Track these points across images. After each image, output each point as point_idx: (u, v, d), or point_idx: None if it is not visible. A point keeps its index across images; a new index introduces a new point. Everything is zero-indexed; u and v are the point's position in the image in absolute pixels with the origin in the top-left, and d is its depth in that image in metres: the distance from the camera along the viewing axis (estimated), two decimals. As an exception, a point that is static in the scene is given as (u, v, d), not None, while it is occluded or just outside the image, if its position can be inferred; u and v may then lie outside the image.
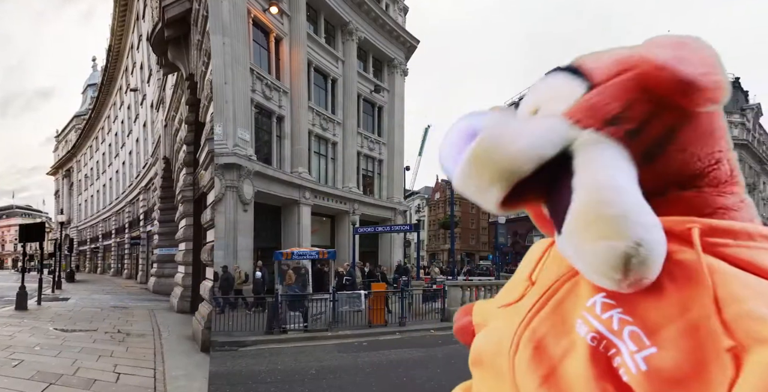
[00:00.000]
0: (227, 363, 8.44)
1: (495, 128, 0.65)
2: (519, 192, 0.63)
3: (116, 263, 40.95)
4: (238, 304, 13.97)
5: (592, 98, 0.66)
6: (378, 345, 10.40)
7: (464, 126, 0.69)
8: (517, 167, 0.60)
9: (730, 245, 0.58)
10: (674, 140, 0.65)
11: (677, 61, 0.60)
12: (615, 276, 0.54)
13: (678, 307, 0.55)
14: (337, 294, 12.86)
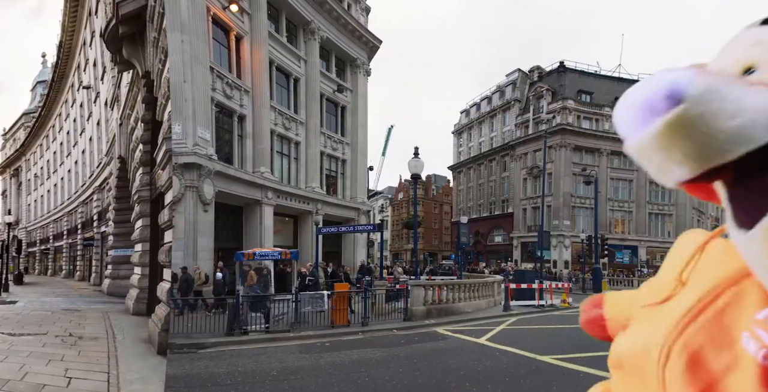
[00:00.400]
0: (185, 366, 8.28)
1: (709, 94, 0.50)
2: (708, 172, 0.52)
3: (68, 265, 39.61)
4: (197, 305, 13.73)
5: None
6: (341, 345, 10.38)
7: (665, 83, 0.54)
8: (725, 150, 0.49)
9: None
10: None
11: None
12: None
13: None
14: (299, 294, 12.78)
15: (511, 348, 9.90)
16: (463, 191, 67.57)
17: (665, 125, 0.50)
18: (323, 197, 25.22)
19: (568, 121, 48.46)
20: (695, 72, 0.53)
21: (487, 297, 18.19)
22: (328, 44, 26.56)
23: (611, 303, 1.10)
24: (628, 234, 49.16)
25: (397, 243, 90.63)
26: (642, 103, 0.54)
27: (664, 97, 0.51)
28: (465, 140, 68.37)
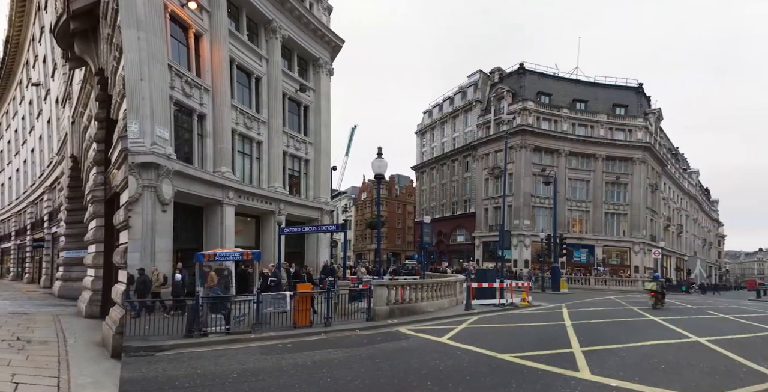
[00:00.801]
0: (142, 369, 8.08)
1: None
2: None
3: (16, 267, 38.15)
4: (155, 307, 13.42)
5: None
6: (303, 345, 10.30)
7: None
8: None
9: None
10: None
11: None
12: None
13: None
14: (261, 295, 12.61)
15: (472, 346, 9.98)
16: (426, 191, 68.14)
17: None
18: (286, 197, 25.02)
19: (528, 122, 49.44)
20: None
21: (449, 297, 18.38)
22: (290, 43, 26.37)
23: None
24: (585, 233, 50.44)
25: (361, 243, 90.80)
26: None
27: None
28: (428, 140, 68.97)
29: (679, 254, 66.13)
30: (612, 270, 48.10)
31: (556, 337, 11.58)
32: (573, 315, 17.06)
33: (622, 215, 52.13)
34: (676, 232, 67.27)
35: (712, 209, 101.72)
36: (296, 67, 27.64)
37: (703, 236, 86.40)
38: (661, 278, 25.84)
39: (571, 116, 51.18)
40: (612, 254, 51.74)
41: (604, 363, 8.28)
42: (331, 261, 28.81)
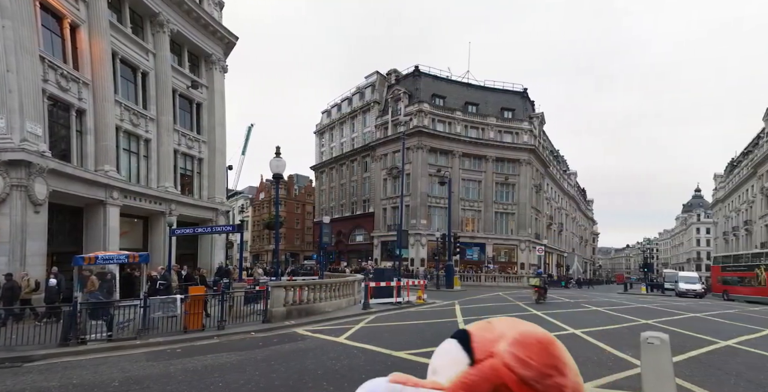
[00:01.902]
0: (6, 381, 7.49)
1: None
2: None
3: None
4: (24, 315, 12.43)
5: (468, 378, 0.80)
6: (193, 350, 10.01)
7: (364, 389, 0.87)
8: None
9: None
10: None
11: (520, 364, 0.76)
12: None
13: None
14: (149, 299, 12.10)
15: (368, 345, 10.18)
16: (325, 191, 68.00)
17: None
18: (177, 197, 24.08)
19: (424, 123, 50.79)
20: (387, 381, 0.85)
21: (347, 296, 18.57)
22: (179, 38, 25.38)
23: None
24: (477, 232, 52.59)
25: (258, 244, 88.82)
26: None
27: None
28: (327, 140, 68.93)
29: (559, 251, 71.02)
30: (501, 267, 50.42)
31: (449, 333, 11.99)
32: (465, 311, 17.76)
33: (510, 214, 54.88)
34: (557, 230, 72.26)
35: (588, 209, 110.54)
36: (187, 63, 26.65)
37: (580, 234, 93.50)
38: (544, 275, 27.75)
39: (464, 118, 53.20)
40: (501, 252, 54.36)
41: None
42: (226, 263, 28.06)
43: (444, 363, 0.86)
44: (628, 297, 32.81)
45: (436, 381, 0.84)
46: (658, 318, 16.67)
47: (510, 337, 0.81)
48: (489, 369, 0.78)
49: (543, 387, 0.75)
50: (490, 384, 0.77)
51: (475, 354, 0.82)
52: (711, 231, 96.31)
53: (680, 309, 21.69)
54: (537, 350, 0.78)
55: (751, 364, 8.91)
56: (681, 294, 41.48)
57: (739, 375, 7.96)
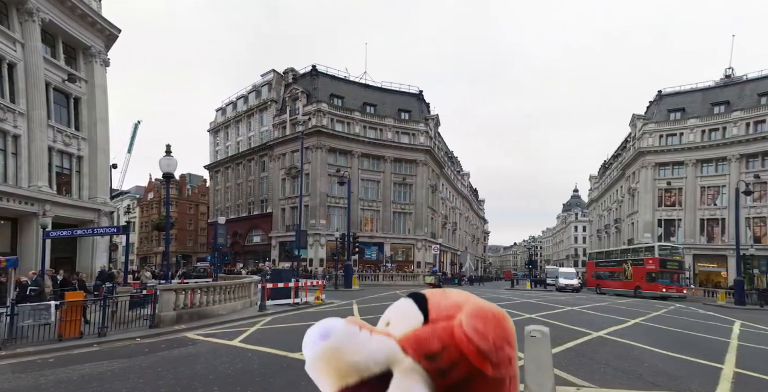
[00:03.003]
0: None
1: (346, 336, 0.81)
2: (354, 388, 0.81)
3: None
4: None
5: (421, 333, 0.85)
6: (69, 359, 9.33)
7: (321, 327, 0.84)
8: (348, 375, 0.79)
9: None
10: (468, 387, 0.83)
11: (479, 336, 0.80)
12: None
13: None
14: (17, 306, 11.09)
15: (264, 347, 10.05)
16: (220, 190, 65.96)
17: (316, 355, 0.81)
18: (53, 197, 22.30)
19: (323, 123, 50.77)
20: (345, 321, 0.85)
21: (243, 298, 18.17)
22: (52, 28, 23.50)
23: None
24: (375, 232, 53.29)
25: (146, 246, 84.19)
26: (309, 338, 0.84)
27: (318, 335, 0.82)
28: (222, 138, 66.84)
29: (453, 249, 73.73)
30: (398, 266, 51.43)
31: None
32: (362, 310, 18.01)
33: (407, 214, 56.02)
34: (452, 229, 75.06)
35: (480, 208, 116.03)
36: (62, 55, 24.70)
37: (472, 233, 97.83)
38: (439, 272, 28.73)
39: (363, 118, 53.72)
40: (399, 251, 55.38)
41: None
42: (109, 266, 26.35)
43: (399, 317, 0.92)
44: (515, 293, 34.89)
45: (388, 330, 0.90)
46: (540, 312, 17.94)
47: (468, 310, 0.85)
48: (442, 329, 0.84)
49: (496, 359, 0.81)
50: (441, 342, 0.82)
51: (430, 314, 0.88)
52: (587, 229, 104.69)
53: (560, 303, 23.49)
54: (493, 324, 0.83)
55: (617, 353, 9.94)
56: (560, 289, 44.82)
57: (607, 363, 8.84)
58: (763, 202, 44.49)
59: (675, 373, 8.21)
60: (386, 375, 0.80)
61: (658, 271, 35.65)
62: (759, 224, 45.19)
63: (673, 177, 51.21)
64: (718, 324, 17.16)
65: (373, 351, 0.81)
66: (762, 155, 45.26)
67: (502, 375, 0.84)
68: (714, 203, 48.28)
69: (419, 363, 0.81)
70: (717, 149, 48.07)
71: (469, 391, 0.83)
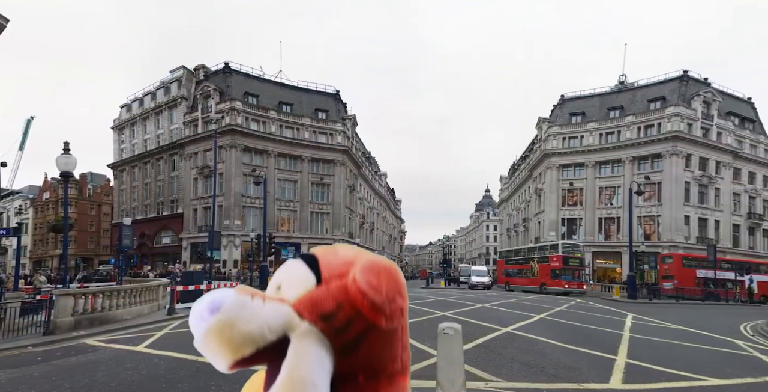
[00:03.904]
0: None
1: (237, 306, 0.78)
2: (250, 358, 0.79)
3: None
4: None
5: (315, 295, 0.84)
6: (-58, 374, 8.33)
7: (210, 298, 0.80)
8: (243, 346, 0.76)
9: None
10: (365, 341, 0.84)
11: (373, 290, 0.80)
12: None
13: None
14: None
15: (172, 352, 9.56)
16: (126, 190, 62.70)
17: (205, 330, 0.77)
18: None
19: (237, 122, 49.67)
20: (235, 291, 0.81)
21: (150, 302, 17.39)
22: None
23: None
24: (292, 232, 52.85)
25: (41, 249, 78.22)
26: (196, 313, 0.80)
27: (207, 309, 0.78)
28: (128, 136, 63.48)
29: (371, 248, 74.21)
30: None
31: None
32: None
33: (325, 214, 56.02)
34: (369, 229, 75.77)
35: (397, 208, 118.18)
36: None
37: (389, 233, 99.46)
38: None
39: (279, 118, 53.07)
40: (317, 251, 55.23)
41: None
42: (-2, 272, 24.07)
43: (290, 280, 0.90)
44: (429, 291, 35.72)
45: (281, 295, 0.88)
46: (454, 310, 18.47)
47: (360, 265, 0.84)
48: (335, 288, 0.83)
49: (389, 311, 0.81)
50: (335, 302, 0.82)
51: (322, 274, 0.87)
52: (497, 228, 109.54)
53: (472, 301, 24.32)
54: (385, 276, 0.83)
55: (523, 348, 10.38)
56: (473, 287, 46.48)
57: (514, 358, 9.20)
58: (652, 202, 48.56)
59: (574, 365, 8.69)
60: (284, 342, 0.80)
61: (561, 268, 37.87)
62: (649, 223, 49.28)
63: (575, 178, 54.68)
64: (613, 318, 18.41)
65: (267, 319, 0.79)
66: (651, 157, 49.48)
67: (395, 326, 0.86)
68: (610, 202, 52.06)
69: (315, 325, 0.81)
70: (613, 151, 51.85)
71: (364, 345, 0.84)
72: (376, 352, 0.86)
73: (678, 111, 47.84)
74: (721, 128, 50.61)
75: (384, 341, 0.87)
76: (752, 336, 14.80)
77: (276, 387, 0.77)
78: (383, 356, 0.88)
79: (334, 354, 0.82)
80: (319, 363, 0.79)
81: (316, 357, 0.79)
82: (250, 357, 0.78)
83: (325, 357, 0.81)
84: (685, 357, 10.08)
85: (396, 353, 0.91)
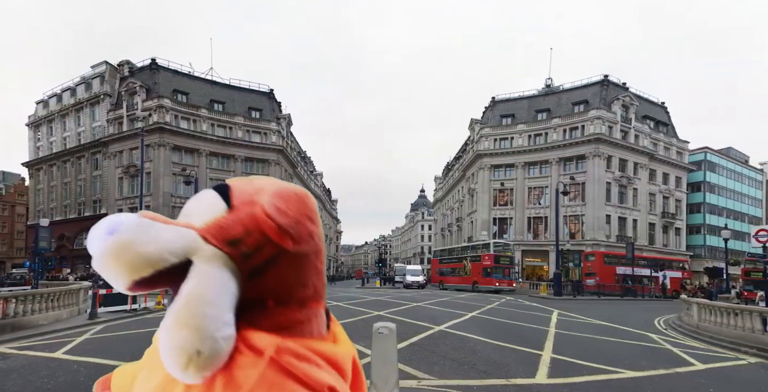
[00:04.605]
0: None
1: (138, 227, 0.74)
2: (150, 280, 0.75)
3: None
4: None
5: (224, 221, 0.81)
6: None
7: (109, 220, 0.77)
8: (142, 268, 0.73)
9: (293, 364, 0.78)
10: (274, 266, 0.82)
11: (279, 213, 0.80)
12: (177, 373, 0.72)
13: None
14: None
15: (93, 358, 9.18)
16: (43, 190, 59.23)
17: (103, 250, 0.73)
18: None
19: (166, 120, 48.03)
20: (137, 214, 0.79)
21: (69, 306, 16.53)
22: None
23: (118, 381, 1.16)
24: (222, 231, 51.47)
25: (-57, 254, 72.24)
26: (94, 234, 0.76)
27: (105, 230, 0.75)
28: (45, 133, 59.80)
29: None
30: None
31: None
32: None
33: (257, 213, 55.02)
34: (305, 228, 74.85)
35: (333, 208, 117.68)
36: None
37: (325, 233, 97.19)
38: (290, 274, 28.67)
39: (210, 116, 51.73)
40: (244, 251, 54.20)
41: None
42: None
43: (198, 208, 0.88)
44: (365, 291, 35.89)
45: (189, 222, 0.85)
46: (389, 309, 18.64)
47: (270, 191, 0.85)
48: (245, 214, 0.82)
49: (296, 233, 0.82)
50: (244, 227, 0.81)
51: (233, 201, 0.85)
52: (432, 228, 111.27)
53: (406, 300, 24.64)
54: (294, 201, 0.85)
55: (455, 346, 10.63)
56: (408, 286, 47.02)
57: (446, 356, 9.41)
58: (577, 201, 50.94)
59: (503, 361, 9.02)
60: (186, 265, 0.77)
61: (492, 266, 38.97)
62: (574, 222, 51.68)
63: (506, 178, 56.44)
64: (540, 314, 19.13)
65: (168, 241, 0.76)
66: (576, 158, 51.85)
67: (304, 251, 0.86)
68: (539, 202, 54.19)
69: (222, 249, 0.79)
70: (540, 152, 53.96)
71: (273, 270, 0.83)
72: (285, 277, 0.85)
73: (600, 114, 50.36)
74: (639, 131, 53.71)
75: (294, 265, 0.86)
76: (665, 330, 15.89)
77: (172, 308, 0.75)
78: (293, 281, 0.87)
79: (241, 278, 0.80)
80: (221, 284, 0.77)
81: (219, 278, 0.77)
82: (151, 278, 0.75)
83: (229, 280, 0.79)
84: (605, 352, 10.65)
85: (307, 278, 0.90)
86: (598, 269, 39.00)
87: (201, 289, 0.75)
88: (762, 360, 10.62)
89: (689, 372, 8.92)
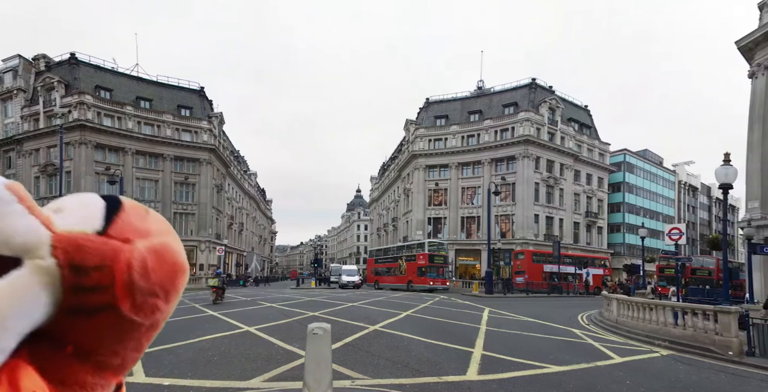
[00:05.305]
0: None
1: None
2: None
3: None
4: None
5: (87, 241, 0.70)
6: None
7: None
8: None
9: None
10: (97, 317, 0.71)
11: (142, 271, 0.71)
12: None
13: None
14: None
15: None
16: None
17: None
18: None
19: (88, 117, 45.63)
20: (5, 182, 0.68)
21: None
22: None
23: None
24: (150, 233, 49.43)
25: None
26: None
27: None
28: (-50, 129, 54.90)
29: (239, 250, 72.05)
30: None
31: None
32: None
33: (190, 214, 53.38)
34: (238, 230, 73.23)
35: (267, 208, 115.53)
36: None
37: (259, 233, 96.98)
38: (223, 275, 27.92)
39: (136, 113, 49.53)
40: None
41: (161, 362, 8.35)
42: None
43: (75, 211, 0.76)
44: (300, 292, 35.51)
45: (51, 218, 0.73)
46: (324, 310, 18.57)
47: (153, 241, 0.75)
48: (110, 249, 0.72)
49: (141, 301, 0.72)
50: (100, 260, 0.70)
51: (112, 226, 0.74)
52: (368, 228, 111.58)
53: (342, 300, 24.61)
54: (167, 270, 0.75)
55: (389, 345, 10.71)
56: (343, 286, 46.94)
57: (380, 355, 9.47)
58: (508, 201, 52.60)
59: (436, 360, 9.21)
60: (10, 261, 0.66)
61: (427, 266, 39.55)
62: (505, 221, 53.33)
63: (440, 179, 57.48)
64: (472, 312, 19.63)
65: (13, 229, 0.65)
66: (507, 159, 53.50)
67: (139, 321, 0.75)
68: (472, 202, 55.49)
69: (61, 269, 0.68)
70: (473, 153, 55.28)
71: (95, 320, 0.72)
72: (101, 333, 0.73)
73: (528, 116, 52.14)
74: (564, 133, 56.07)
75: (118, 328, 0.74)
76: (587, 325, 16.71)
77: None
78: (107, 342, 0.75)
79: (56, 309, 0.68)
80: (29, 304, 0.66)
81: (31, 298, 0.66)
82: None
83: (41, 305, 0.67)
84: (533, 347, 11.09)
85: (123, 348, 0.78)
86: (527, 268, 40.39)
87: (3, 299, 0.64)
88: (673, 352, 11.37)
89: (608, 366, 9.41)
